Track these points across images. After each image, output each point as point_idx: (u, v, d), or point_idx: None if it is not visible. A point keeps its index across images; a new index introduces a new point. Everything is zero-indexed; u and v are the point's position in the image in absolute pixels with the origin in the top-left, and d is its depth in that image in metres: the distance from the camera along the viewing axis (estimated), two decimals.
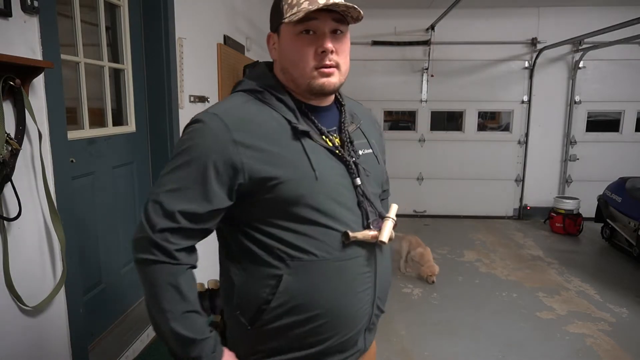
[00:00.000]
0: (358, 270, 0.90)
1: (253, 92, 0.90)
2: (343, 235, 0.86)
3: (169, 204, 0.82)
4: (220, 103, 0.91)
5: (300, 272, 0.85)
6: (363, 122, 1.02)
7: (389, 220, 0.92)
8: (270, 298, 0.86)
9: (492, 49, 5.17)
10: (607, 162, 5.23)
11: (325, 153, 0.89)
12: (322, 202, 0.85)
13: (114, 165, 2.16)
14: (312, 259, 0.85)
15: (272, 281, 0.86)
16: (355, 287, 0.90)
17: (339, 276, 0.88)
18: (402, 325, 2.76)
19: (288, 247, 0.85)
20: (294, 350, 0.89)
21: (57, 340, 1.60)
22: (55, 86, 1.52)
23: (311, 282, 0.86)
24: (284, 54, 0.90)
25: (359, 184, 0.90)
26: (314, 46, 0.86)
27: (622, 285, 3.40)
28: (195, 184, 0.82)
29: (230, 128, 0.83)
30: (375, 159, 1.00)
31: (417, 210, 5.57)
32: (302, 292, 0.86)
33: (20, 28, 1.37)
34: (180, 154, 0.84)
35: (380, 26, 5.14)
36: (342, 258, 0.88)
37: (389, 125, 5.62)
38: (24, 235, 1.43)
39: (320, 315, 0.87)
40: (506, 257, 4.09)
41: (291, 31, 0.86)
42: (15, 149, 1.31)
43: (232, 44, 3.37)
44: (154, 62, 2.33)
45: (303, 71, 0.87)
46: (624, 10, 4.58)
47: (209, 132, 0.83)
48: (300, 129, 0.86)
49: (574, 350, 2.50)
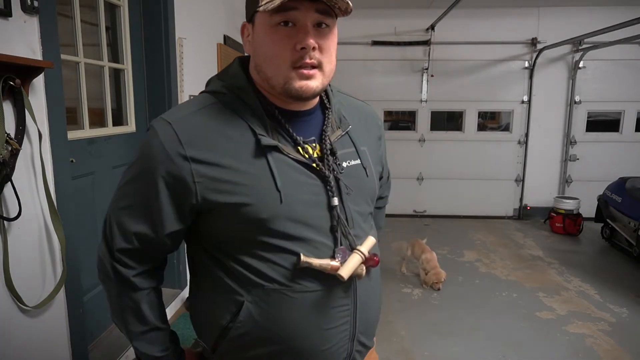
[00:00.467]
0: (330, 303, 0.78)
1: (217, 95, 0.78)
2: (296, 259, 0.75)
3: (124, 223, 0.78)
4: (180, 106, 0.80)
5: (263, 301, 0.76)
6: (354, 126, 0.87)
7: (357, 254, 0.77)
8: (230, 325, 0.78)
9: (492, 49, 5.17)
10: (607, 162, 5.23)
11: (298, 168, 0.76)
12: (288, 227, 0.74)
13: (114, 165, 2.16)
14: (275, 287, 0.75)
15: (233, 308, 0.77)
16: (324, 322, 0.78)
17: (306, 309, 0.77)
18: (402, 325, 2.76)
19: (251, 273, 0.76)
20: None
21: (57, 340, 1.60)
22: (55, 86, 1.52)
23: (274, 314, 0.76)
24: (257, 48, 0.76)
25: (335, 205, 0.77)
26: (292, 40, 0.71)
27: (622, 285, 3.40)
28: (145, 203, 0.76)
29: (183, 141, 0.72)
30: (363, 172, 0.85)
31: (417, 210, 5.57)
32: (266, 324, 0.76)
33: (20, 28, 1.37)
34: (133, 165, 0.78)
35: (380, 26, 5.14)
36: (311, 289, 0.76)
37: (389, 125, 5.62)
38: (24, 235, 1.43)
39: (288, 350, 0.78)
40: (506, 257, 4.09)
41: (267, 22, 0.72)
42: (15, 149, 1.31)
43: (232, 44, 3.37)
44: (154, 62, 2.34)
45: (278, 70, 0.73)
46: (624, 10, 4.58)
47: (158, 144, 0.73)
48: (263, 144, 0.73)
49: (574, 350, 2.50)
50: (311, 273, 0.76)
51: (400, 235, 4.75)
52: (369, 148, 0.89)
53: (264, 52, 0.75)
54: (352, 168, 0.84)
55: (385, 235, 4.72)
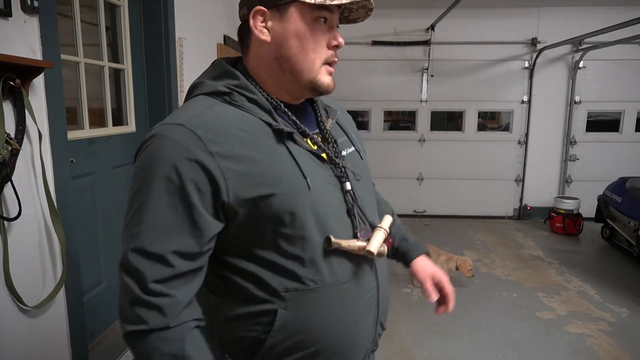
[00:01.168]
0: (361, 290, 0.79)
1: (218, 95, 0.75)
2: (325, 241, 0.73)
3: (155, 247, 0.66)
4: (179, 111, 0.74)
5: (296, 304, 0.73)
6: (338, 113, 0.90)
7: (380, 230, 0.79)
8: (263, 337, 0.73)
9: (492, 49, 5.17)
10: (607, 162, 5.23)
11: (310, 157, 0.76)
12: (315, 217, 0.73)
13: (114, 165, 2.16)
14: (308, 288, 0.73)
15: (264, 318, 0.73)
16: (358, 312, 0.79)
17: (340, 304, 0.76)
18: (402, 325, 2.76)
19: (281, 276, 0.72)
20: None
21: (57, 340, 1.60)
22: (55, 86, 1.52)
23: (310, 315, 0.74)
24: (289, 39, 0.74)
25: (348, 189, 0.79)
26: (327, 37, 0.75)
27: (622, 285, 3.40)
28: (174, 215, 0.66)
29: (203, 139, 0.67)
30: (359, 157, 0.88)
31: (417, 210, 5.57)
32: (301, 328, 0.74)
33: (20, 28, 1.37)
34: (142, 184, 0.67)
35: (380, 26, 5.14)
36: (341, 281, 0.76)
37: (389, 125, 5.62)
38: (24, 235, 1.43)
39: (321, 350, 0.76)
40: (506, 257, 4.09)
41: (310, 14, 0.72)
42: (15, 149, 1.31)
43: (232, 44, 3.37)
44: (154, 62, 2.34)
45: (312, 63, 0.74)
46: (624, 10, 4.58)
47: (173, 145, 0.67)
48: (285, 131, 0.73)
49: (574, 350, 2.50)
50: (338, 263, 0.75)
51: None
52: (354, 133, 0.93)
53: (303, 44, 0.74)
54: (350, 155, 0.86)
55: None
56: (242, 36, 0.80)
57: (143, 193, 0.67)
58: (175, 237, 0.67)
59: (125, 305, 0.67)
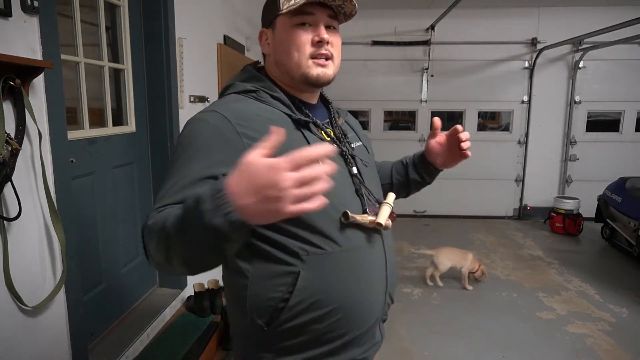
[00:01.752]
0: (369, 259, 0.89)
1: (246, 93, 0.90)
2: (342, 215, 0.85)
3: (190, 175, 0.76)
4: (215, 103, 0.89)
5: (316, 266, 0.83)
6: (347, 116, 1.08)
7: (386, 205, 0.92)
8: (287, 296, 0.82)
9: (492, 49, 5.17)
10: (607, 162, 5.23)
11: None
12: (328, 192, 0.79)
13: (114, 165, 2.15)
14: (326, 251, 0.83)
15: (288, 279, 0.83)
16: (370, 276, 0.89)
17: (354, 267, 0.87)
18: (402, 325, 2.76)
19: (302, 242, 0.83)
20: (313, 347, 0.86)
21: (57, 340, 1.60)
22: (55, 86, 1.52)
23: (328, 276, 0.84)
24: (279, 46, 0.90)
25: (355, 173, 0.92)
26: (310, 36, 0.87)
27: (622, 285, 3.40)
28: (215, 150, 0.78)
29: (232, 121, 0.81)
30: (365, 150, 1.04)
31: (417, 210, 5.57)
32: (320, 288, 0.83)
33: (20, 28, 1.37)
34: (185, 148, 0.80)
35: (380, 26, 5.15)
36: (355, 247, 0.87)
37: (389, 125, 5.62)
38: (24, 235, 1.42)
39: (338, 309, 0.85)
40: (506, 257, 4.09)
41: (288, 23, 0.88)
42: (15, 149, 1.31)
43: (232, 44, 3.37)
44: (154, 62, 2.33)
45: (299, 61, 0.88)
46: (624, 10, 4.58)
47: (211, 126, 0.81)
48: (302, 120, 0.88)
49: (574, 350, 2.50)
50: (352, 232, 0.87)
51: (401, 235, 4.75)
52: (360, 133, 1.10)
53: (286, 48, 0.88)
54: (358, 148, 1.01)
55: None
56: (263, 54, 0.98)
57: (181, 159, 0.79)
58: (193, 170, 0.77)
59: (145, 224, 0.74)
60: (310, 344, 0.86)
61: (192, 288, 2.50)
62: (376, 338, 0.95)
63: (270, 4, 0.91)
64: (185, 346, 2.09)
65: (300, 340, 0.85)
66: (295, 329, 0.84)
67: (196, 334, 2.19)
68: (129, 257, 2.31)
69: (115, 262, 2.18)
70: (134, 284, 2.32)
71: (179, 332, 2.22)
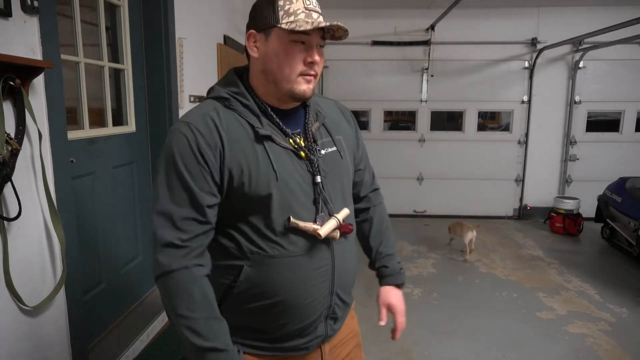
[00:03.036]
0: (312, 265, 0.96)
1: (220, 99, 0.95)
2: (286, 220, 0.92)
3: (166, 208, 0.88)
4: (191, 111, 0.96)
5: (258, 265, 0.93)
6: (330, 118, 1.07)
7: (334, 218, 0.97)
8: (233, 285, 0.95)
9: (492, 49, 5.17)
10: (607, 162, 5.23)
11: (288, 154, 0.94)
12: (279, 201, 0.92)
13: (114, 165, 2.16)
14: (267, 254, 0.93)
15: (234, 271, 0.94)
16: (308, 280, 0.96)
17: (294, 269, 0.95)
18: None
19: (249, 242, 0.93)
20: (260, 332, 0.99)
21: (57, 340, 1.60)
22: (55, 86, 1.52)
23: (268, 274, 0.94)
24: (270, 56, 0.93)
25: (318, 182, 0.96)
26: (303, 55, 0.92)
27: (622, 285, 3.40)
28: (192, 184, 0.88)
29: (204, 134, 0.89)
30: (339, 155, 1.04)
31: (417, 210, 5.57)
32: (261, 282, 0.94)
33: (20, 28, 1.37)
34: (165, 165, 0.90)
35: (380, 26, 5.14)
36: (298, 253, 0.95)
37: (389, 125, 5.62)
38: (24, 235, 1.43)
39: (278, 303, 0.95)
40: (506, 257, 4.09)
41: (285, 38, 0.91)
42: (15, 149, 1.31)
43: (232, 44, 3.37)
44: (154, 62, 2.34)
45: (289, 76, 0.92)
46: (624, 10, 4.58)
47: (183, 138, 0.89)
48: (261, 134, 0.92)
49: (574, 350, 2.50)
50: (297, 240, 0.94)
51: (400, 235, 4.75)
52: (344, 136, 1.09)
53: (279, 61, 0.92)
54: (330, 154, 1.02)
55: None
56: (245, 52, 1.00)
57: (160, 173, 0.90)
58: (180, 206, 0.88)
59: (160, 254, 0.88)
60: (258, 328, 0.99)
61: None
62: (319, 332, 1.02)
63: (267, 9, 0.92)
64: None
65: (250, 322, 0.98)
66: (245, 313, 0.97)
67: None
68: (129, 257, 2.31)
69: (115, 262, 2.18)
70: (134, 284, 2.32)
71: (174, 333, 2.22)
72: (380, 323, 1.14)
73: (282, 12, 0.90)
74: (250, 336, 0.99)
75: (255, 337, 0.99)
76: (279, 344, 1.00)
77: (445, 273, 3.67)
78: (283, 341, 1.00)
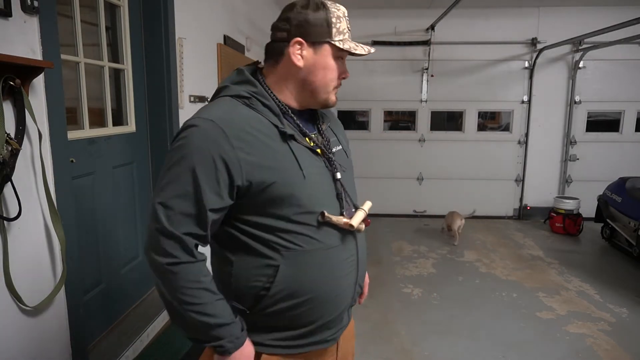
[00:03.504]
0: (342, 257, 1.00)
1: (240, 98, 0.95)
2: (320, 215, 0.95)
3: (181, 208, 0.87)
4: (210, 108, 0.93)
5: (293, 262, 0.94)
6: (331, 120, 1.15)
7: (361, 210, 1.02)
8: (268, 286, 0.94)
9: (492, 49, 5.17)
10: (607, 162, 5.23)
11: (308, 152, 0.97)
12: (309, 198, 0.94)
13: (114, 165, 2.16)
14: (303, 249, 0.94)
15: (269, 271, 0.94)
16: (341, 271, 1.00)
17: (327, 263, 0.97)
18: (402, 325, 2.76)
19: (282, 240, 0.93)
20: (289, 329, 0.99)
21: (57, 340, 1.60)
22: (55, 86, 1.52)
23: (303, 271, 0.95)
24: (317, 68, 0.98)
25: (338, 178, 1.01)
26: (341, 70, 1.02)
27: (622, 285, 3.40)
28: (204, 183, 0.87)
29: (228, 134, 0.87)
30: (345, 154, 1.12)
31: (417, 210, 5.57)
32: (296, 280, 0.95)
33: (20, 28, 1.37)
34: (180, 159, 0.87)
35: (380, 26, 5.14)
36: (329, 245, 0.97)
37: (389, 125, 5.62)
38: (24, 235, 1.43)
39: (311, 299, 0.96)
40: (506, 257, 4.09)
41: (333, 53, 0.98)
42: (15, 149, 1.31)
43: (232, 44, 3.37)
44: (154, 62, 2.34)
45: (328, 87, 1.00)
46: (624, 10, 4.58)
47: (207, 135, 0.87)
48: (288, 133, 0.93)
49: (574, 350, 2.50)
50: (330, 233, 0.97)
51: (400, 235, 4.75)
52: (343, 135, 1.17)
53: (326, 74, 0.99)
54: (339, 152, 1.08)
55: (386, 235, 4.73)
56: (272, 52, 1.00)
57: (175, 168, 0.88)
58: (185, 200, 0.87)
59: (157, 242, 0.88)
60: (287, 326, 0.99)
61: None
62: (343, 322, 1.08)
63: (320, 23, 0.95)
64: (185, 346, 2.09)
65: (278, 323, 0.98)
66: (275, 314, 0.96)
67: None
68: (129, 257, 2.31)
69: (115, 262, 2.18)
70: (134, 284, 2.32)
71: (179, 332, 2.22)
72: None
73: (334, 29, 0.96)
74: (279, 336, 0.99)
75: (285, 336, 0.99)
76: (309, 339, 1.01)
77: (445, 273, 3.67)
78: (314, 335, 1.01)
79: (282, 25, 0.97)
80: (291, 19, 0.96)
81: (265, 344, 0.98)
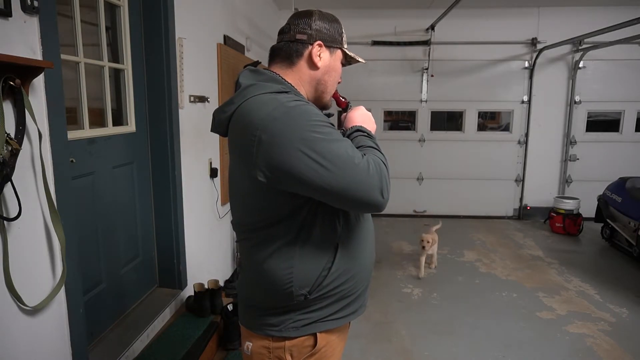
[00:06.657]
0: (371, 228, 1.14)
1: (282, 94, 0.98)
2: None
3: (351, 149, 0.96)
4: (276, 99, 0.95)
5: (347, 241, 1.03)
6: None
7: None
8: (329, 265, 1.01)
9: (492, 49, 5.17)
10: (607, 162, 5.23)
11: None
12: None
13: (114, 165, 2.15)
14: (351, 225, 1.04)
15: (333, 250, 1.01)
16: (371, 245, 1.12)
17: (366, 236, 1.09)
18: (402, 325, 2.76)
19: (340, 218, 1.01)
20: (335, 302, 1.05)
21: (57, 340, 1.60)
22: (55, 86, 1.52)
23: (355, 247, 1.05)
24: (330, 71, 1.09)
25: None
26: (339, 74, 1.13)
27: (622, 285, 3.41)
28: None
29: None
30: None
31: (417, 210, 5.57)
32: (350, 256, 1.04)
33: (20, 28, 1.37)
34: (321, 124, 0.93)
35: (380, 26, 5.15)
36: (366, 219, 1.10)
37: (389, 125, 5.62)
38: (24, 235, 1.42)
39: (357, 272, 1.07)
40: (506, 257, 4.09)
41: (342, 59, 1.11)
42: (15, 149, 1.31)
43: (232, 44, 3.37)
44: (154, 62, 2.33)
45: (333, 89, 1.12)
46: (624, 10, 4.58)
47: (304, 106, 0.95)
48: (329, 115, 1.06)
49: (574, 350, 2.50)
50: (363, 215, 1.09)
51: (400, 235, 4.75)
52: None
53: (335, 78, 1.11)
54: None
55: (386, 235, 4.72)
56: (287, 53, 1.07)
57: (331, 134, 0.92)
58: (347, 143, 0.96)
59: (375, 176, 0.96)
60: (335, 301, 1.05)
61: (192, 288, 2.50)
62: (368, 290, 1.18)
63: (337, 30, 1.09)
64: (185, 346, 2.09)
65: (330, 300, 1.04)
66: (330, 292, 1.02)
67: (196, 334, 2.19)
68: (129, 257, 2.31)
69: (115, 262, 2.18)
70: (134, 284, 2.32)
71: (179, 332, 2.22)
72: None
73: (344, 37, 1.10)
74: (331, 311, 1.05)
75: (335, 309, 1.05)
76: (352, 307, 1.09)
77: (445, 273, 3.67)
78: (355, 303, 1.09)
79: (302, 29, 1.05)
80: (312, 24, 1.05)
81: (321, 320, 1.04)
